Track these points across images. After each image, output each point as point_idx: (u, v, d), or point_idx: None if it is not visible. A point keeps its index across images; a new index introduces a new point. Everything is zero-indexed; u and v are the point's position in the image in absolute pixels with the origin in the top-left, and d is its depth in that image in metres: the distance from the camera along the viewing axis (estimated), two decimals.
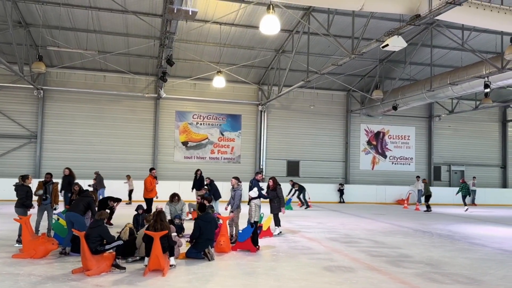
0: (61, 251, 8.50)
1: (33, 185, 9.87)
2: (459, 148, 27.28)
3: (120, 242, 7.65)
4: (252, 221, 9.86)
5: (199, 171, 17.13)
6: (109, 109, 22.34)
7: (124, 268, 7.37)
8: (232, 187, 10.62)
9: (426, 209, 20.36)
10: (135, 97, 22.45)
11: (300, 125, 24.77)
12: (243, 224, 10.39)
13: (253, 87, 24.21)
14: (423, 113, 26.87)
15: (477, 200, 24.97)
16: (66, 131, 21.73)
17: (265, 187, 12.29)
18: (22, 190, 9.35)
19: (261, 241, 10.00)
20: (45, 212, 10.07)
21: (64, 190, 12.89)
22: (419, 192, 21.75)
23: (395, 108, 21.90)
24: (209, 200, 12.20)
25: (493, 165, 27.77)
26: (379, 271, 7.79)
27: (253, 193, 10.36)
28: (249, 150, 24.16)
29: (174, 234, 8.74)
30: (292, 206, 19.55)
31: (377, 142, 26.34)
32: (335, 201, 23.89)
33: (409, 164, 26.62)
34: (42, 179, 10.33)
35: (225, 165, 23.62)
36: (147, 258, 7.43)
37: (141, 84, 22.75)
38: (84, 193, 9.71)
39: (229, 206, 10.60)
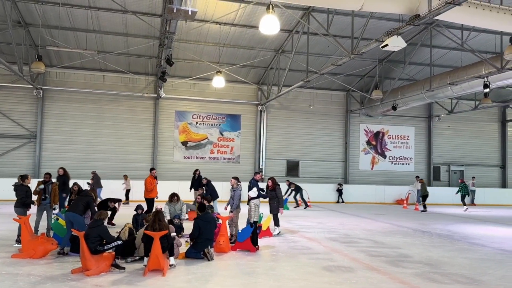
0: (59, 251, 8.47)
1: (32, 185, 9.89)
2: (459, 148, 27.30)
3: (120, 242, 7.65)
4: (252, 221, 9.86)
5: (197, 171, 17.13)
6: (108, 109, 22.33)
7: (124, 268, 7.37)
8: (232, 187, 10.63)
9: (423, 208, 20.42)
10: (135, 97, 22.44)
11: (299, 125, 24.77)
12: (242, 224, 10.39)
13: (253, 87, 24.21)
14: (422, 113, 26.89)
15: (477, 200, 25.00)
16: (66, 131, 21.72)
17: (263, 187, 12.29)
18: (22, 190, 9.32)
19: (260, 241, 10.00)
20: (45, 212, 10.06)
21: (58, 190, 12.73)
22: (419, 192, 21.76)
23: (394, 108, 21.90)
24: (208, 200, 12.22)
25: (492, 165, 27.80)
26: (378, 271, 7.79)
27: (252, 193, 10.36)
28: (248, 150, 24.16)
29: (173, 234, 8.74)
30: (288, 206, 19.53)
31: (377, 142, 26.34)
32: (335, 201, 23.90)
33: (408, 164, 26.63)
34: (42, 179, 10.33)
35: (224, 165, 23.62)
36: (146, 258, 7.43)
37: (141, 84, 22.75)
38: (83, 192, 9.65)
39: (229, 206, 10.61)
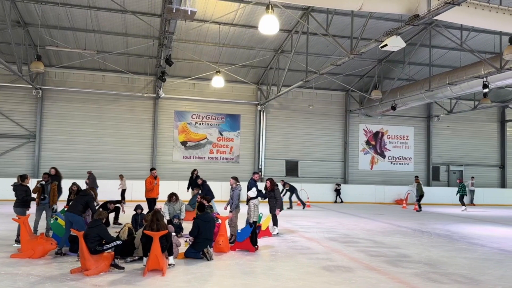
0: (57, 251, 8.42)
1: (32, 185, 9.88)
2: (458, 148, 27.32)
3: (119, 242, 7.64)
4: (251, 221, 9.85)
5: (196, 171, 17.13)
6: (108, 109, 22.32)
7: (123, 268, 7.37)
8: (231, 187, 10.63)
9: (418, 208, 20.41)
10: (134, 97, 22.44)
11: (299, 125, 24.77)
12: (242, 224, 10.39)
13: (252, 87, 24.21)
14: (421, 113, 26.90)
15: (476, 200, 25.01)
16: (65, 131, 21.70)
17: (262, 187, 12.28)
18: (21, 190, 9.31)
19: (260, 241, 10.01)
20: (44, 212, 10.05)
21: None
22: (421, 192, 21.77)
23: (394, 108, 21.92)
24: (208, 200, 12.23)
25: (491, 165, 27.82)
26: (378, 271, 7.80)
27: (251, 193, 10.35)
28: (248, 150, 24.16)
29: (173, 234, 8.73)
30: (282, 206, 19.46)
31: (376, 142, 26.36)
32: (333, 201, 23.90)
33: (407, 164, 26.64)
34: (41, 179, 10.31)
35: (224, 165, 23.61)
36: (145, 258, 7.43)
37: (140, 84, 22.74)
38: (82, 192, 9.54)
39: (229, 206, 10.61)
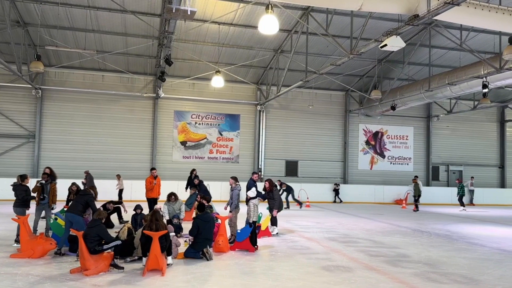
0: (56, 251, 8.40)
1: (31, 185, 9.87)
2: (457, 148, 27.32)
3: (119, 242, 7.63)
4: (251, 221, 9.85)
5: (194, 171, 17.15)
6: (107, 109, 22.31)
7: (123, 268, 7.36)
8: (231, 187, 10.62)
9: (416, 208, 20.37)
10: (134, 96, 22.43)
11: (298, 125, 24.77)
12: (241, 224, 10.38)
13: (252, 87, 24.20)
14: (421, 113, 26.91)
15: (475, 200, 25.02)
16: (65, 130, 21.69)
17: (261, 187, 12.24)
18: (21, 189, 9.30)
19: (259, 241, 10.01)
20: (43, 212, 10.04)
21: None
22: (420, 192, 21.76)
23: (393, 108, 21.92)
24: (208, 200, 12.23)
25: (491, 165, 27.83)
26: (377, 270, 7.80)
27: (251, 193, 10.35)
28: (247, 150, 24.15)
29: (172, 234, 8.74)
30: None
31: (376, 142, 26.36)
32: (332, 201, 23.89)
33: (407, 164, 26.64)
34: (40, 178, 10.29)
35: (223, 165, 23.61)
36: (144, 259, 7.43)
37: (140, 84, 22.73)
38: (82, 191, 9.46)
39: (229, 206, 10.60)
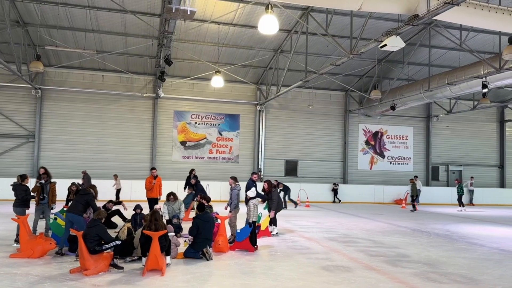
0: (58, 251, 8.40)
1: (31, 185, 9.87)
2: (457, 148, 27.33)
3: (118, 242, 7.62)
4: (251, 220, 9.85)
5: (193, 171, 17.16)
6: (107, 109, 22.30)
7: (122, 268, 7.36)
8: (230, 187, 10.62)
9: (412, 208, 20.38)
10: (133, 96, 22.42)
11: (298, 125, 24.77)
12: (241, 224, 10.38)
13: (252, 87, 24.20)
14: (421, 113, 26.91)
15: (475, 200, 25.03)
16: (64, 130, 21.68)
17: (260, 188, 12.23)
18: (21, 189, 9.30)
19: (259, 241, 10.01)
20: (43, 212, 10.04)
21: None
22: (418, 192, 21.76)
23: (393, 108, 21.92)
24: (208, 200, 12.23)
25: (491, 165, 27.83)
26: (377, 270, 7.80)
27: (251, 193, 10.35)
28: (247, 150, 24.15)
29: (172, 234, 8.73)
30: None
31: (375, 142, 26.36)
32: (331, 201, 23.88)
33: (407, 164, 26.64)
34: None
35: (223, 165, 23.60)
36: (144, 258, 7.43)
37: (139, 84, 22.73)
38: (82, 191, 9.34)
39: (229, 206, 10.59)
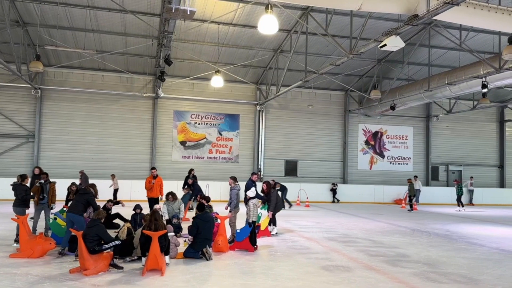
0: (61, 251, 8.38)
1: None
2: (457, 148, 27.33)
3: (118, 242, 7.62)
4: (250, 220, 9.85)
5: (193, 171, 17.17)
6: (107, 109, 22.29)
7: (122, 268, 7.36)
8: (230, 187, 10.62)
9: (409, 208, 20.34)
10: (133, 96, 22.42)
11: (298, 125, 24.76)
12: (241, 224, 10.38)
13: (251, 87, 24.20)
14: (421, 113, 26.91)
15: (475, 200, 25.05)
16: (64, 130, 21.68)
17: (259, 189, 12.22)
18: (21, 189, 9.29)
19: (259, 241, 10.01)
20: (43, 212, 10.03)
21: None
22: (417, 192, 21.79)
23: (393, 108, 21.92)
24: (208, 199, 12.23)
25: (490, 165, 27.83)
26: (377, 270, 7.80)
27: (251, 192, 10.35)
28: (247, 150, 24.15)
29: (171, 234, 8.73)
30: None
31: (375, 142, 26.36)
32: (331, 201, 23.87)
33: (407, 164, 26.64)
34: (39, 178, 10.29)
35: (223, 165, 23.60)
36: (144, 258, 7.43)
37: (139, 84, 22.72)
38: (82, 190, 9.23)
39: (229, 206, 10.59)
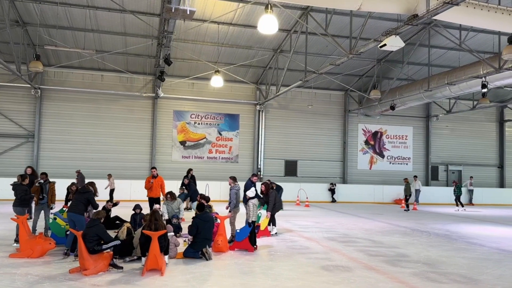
0: (66, 251, 8.32)
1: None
2: (457, 148, 27.33)
3: (118, 242, 7.62)
4: (250, 220, 9.86)
5: (191, 171, 17.20)
6: (107, 109, 22.28)
7: (122, 268, 7.37)
8: (230, 187, 10.62)
9: (406, 208, 20.30)
10: (133, 96, 22.41)
11: (298, 125, 24.76)
12: (241, 224, 10.38)
13: (251, 87, 24.19)
14: (420, 113, 26.91)
15: (475, 199, 25.04)
16: (64, 130, 21.67)
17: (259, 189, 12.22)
18: (21, 189, 9.29)
19: (258, 241, 10.01)
20: (42, 212, 10.03)
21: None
22: (417, 192, 21.82)
23: (392, 108, 21.91)
24: (207, 199, 12.22)
25: (490, 165, 27.84)
26: (376, 270, 7.80)
27: (250, 192, 10.35)
28: (247, 149, 24.14)
29: (171, 234, 8.73)
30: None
31: (375, 142, 26.36)
32: (330, 201, 23.86)
33: (406, 164, 26.64)
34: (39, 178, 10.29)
35: (223, 165, 23.60)
36: (144, 258, 7.42)
37: (139, 84, 22.72)
38: (81, 189, 9.16)
39: (229, 205, 10.59)
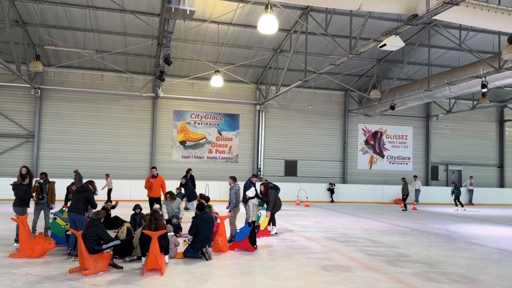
0: (69, 252, 8.30)
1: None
2: (457, 147, 27.34)
3: (118, 242, 7.63)
4: (250, 220, 9.86)
5: (190, 171, 17.22)
6: (106, 109, 22.28)
7: (122, 268, 7.37)
8: (230, 187, 10.62)
9: (404, 208, 20.28)
10: (133, 96, 22.42)
11: (298, 125, 24.76)
12: (241, 224, 10.38)
13: (251, 87, 24.20)
14: (420, 113, 26.91)
15: (475, 199, 25.05)
16: (64, 130, 21.67)
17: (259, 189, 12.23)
18: (21, 189, 9.29)
19: (258, 241, 10.01)
20: (42, 212, 10.03)
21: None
22: (417, 192, 21.82)
23: (392, 107, 21.91)
24: (207, 199, 12.23)
25: (490, 165, 27.84)
26: (376, 270, 7.80)
27: (250, 192, 10.35)
28: (247, 149, 24.14)
29: (171, 233, 8.73)
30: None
31: (375, 142, 26.36)
32: (330, 201, 23.86)
33: (406, 164, 26.65)
34: (38, 178, 10.28)
35: (223, 165, 23.60)
36: (144, 258, 7.43)
37: (139, 84, 22.72)
38: (81, 188, 9.05)
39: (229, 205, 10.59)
